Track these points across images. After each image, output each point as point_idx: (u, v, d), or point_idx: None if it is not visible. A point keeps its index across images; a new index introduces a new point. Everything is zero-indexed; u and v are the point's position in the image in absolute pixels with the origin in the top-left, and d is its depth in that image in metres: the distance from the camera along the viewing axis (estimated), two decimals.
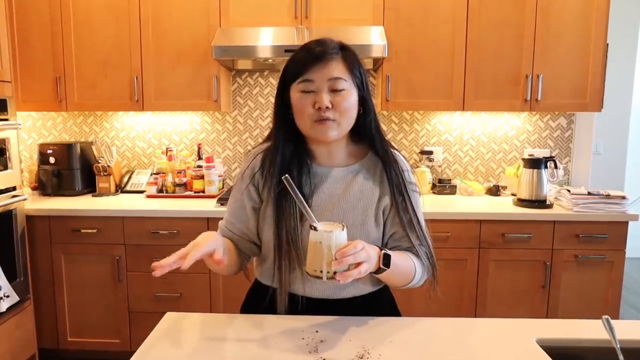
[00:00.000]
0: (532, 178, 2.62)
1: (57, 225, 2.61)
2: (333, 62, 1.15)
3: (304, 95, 1.16)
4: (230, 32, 2.72)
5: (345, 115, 1.17)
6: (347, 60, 1.18)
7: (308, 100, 1.16)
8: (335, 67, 1.15)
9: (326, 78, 1.15)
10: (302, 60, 1.17)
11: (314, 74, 1.15)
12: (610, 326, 1.02)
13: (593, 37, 2.70)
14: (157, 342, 1.10)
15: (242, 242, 1.29)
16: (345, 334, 1.13)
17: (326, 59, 1.15)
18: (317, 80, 1.15)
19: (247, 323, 1.20)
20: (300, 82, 1.16)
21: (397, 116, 3.17)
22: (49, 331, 2.69)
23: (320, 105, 1.14)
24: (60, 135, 3.29)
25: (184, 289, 2.61)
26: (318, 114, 1.15)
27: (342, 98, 1.16)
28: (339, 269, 1.01)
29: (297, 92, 1.17)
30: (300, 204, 1.08)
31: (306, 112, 1.16)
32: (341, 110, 1.16)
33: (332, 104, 1.15)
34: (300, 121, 1.19)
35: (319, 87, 1.15)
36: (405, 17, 2.73)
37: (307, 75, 1.15)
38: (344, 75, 1.16)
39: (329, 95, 1.15)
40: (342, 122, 1.18)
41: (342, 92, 1.16)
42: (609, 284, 2.54)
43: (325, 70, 1.15)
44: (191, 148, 3.22)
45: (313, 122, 1.17)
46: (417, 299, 2.47)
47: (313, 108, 1.15)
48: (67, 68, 2.84)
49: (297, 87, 1.17)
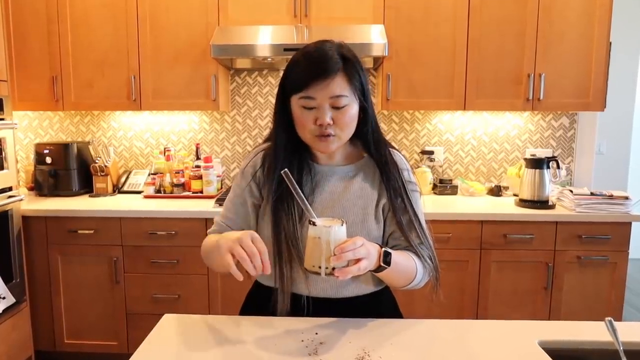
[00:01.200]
0: (534, 178, 2.62)
1: (54, 226, 2.61)
2: (335, 80, 1.15)
3: (305, 111, 1.17)
4: (228, 30, 2.72)
5: (346, 129, 1.19)
6: (349, 72, 1.17)
7: (309, 117, 1.17)
8: (337, 85, 1.15)
9: (328, 96, 1.15)
10: (303, 74, 1.16)
11: (316, 92, 1.14)
12: (613, 328, 1.02)
13: (596, 36, 2.70)
14: (155, 344, 1.11)
15: None
16: (345, 335, 1.13)
17: (329, 77, 1.14)
18: (319, 98, 1.15)
19: (246, 324, 1.20)
20: (302, 98, 1.16)
21: (398, 116, 3.17)
22: (46, 333, 2.69)
23: (321, 123, 1.15)
24: (56, 135, 3.29)
25: (182, 290, 2.61)
26: (319, 130, 1.17)
27: (343, 114, 1.17)
28: (338, 265, 1.01)
29: (298, 107, 1.18)
30: (299, 198, 1.09)
31: (307, 127, 1.18)
32: (342, 125, 1.18)
33: (334, 120, 1.16)
34: (301, 133, 1.21)
35: (320, 104, 1.15)
36: (406, 15, 2.73)
37: (308, 92, 1.15)
38: (345, 91, 1.16)
39: (331, 112, 1.16)
40: (342, 136, 1.20)
41: (344, 108, 1.16)
42: (611, 286, 2.54)
43: (328, 88, 1.14)
44: (189, 148, 3.22)
45: (314, 136, 1.19)
46: (418, 300, 2.48)
47: (314, 124, 1.17)
48: (63, 67, 2.83)
49: (298, 102, 1.17)
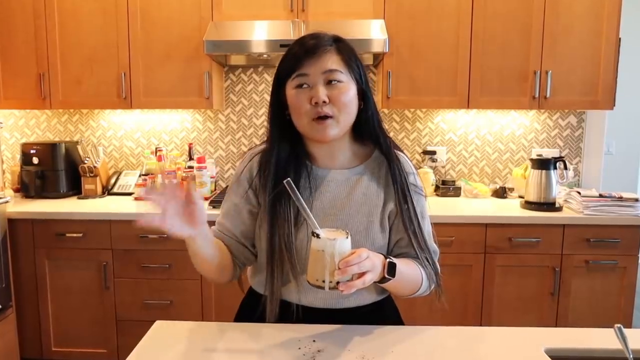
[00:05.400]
0: (541, 179, 2.62)
1: (41, 229, 2.60)
2: (327, 54, 1.16)
3: (300, 91, 1.16)
4: (222, 25, 2.72)
5: (344, 109, 1.16)
6: (343, 52, 1.18)
7: (304, 96, 1.15)
8: (329, 59, 1.16)
9: (321, 71, 1.15)
10: (295, 54, 1.17)
11: (309, 68, 1.15)
12: (623, 335, 1.02)
13: (605, 31, 2.70)
14: (145, 352, 1.10)
15: (236, 246, 1.29)
16: (344, 343, 1.13)
17: (320, 51, 1.15)
18: (312, 74, 1.15)
19: (241, 332, 1.20)
20: (295, 78, 1.16)
21: (399, 114, 3.18)
22: (32, 340, 2.68)
23: (316, 100, 1.14)
24: (44, 135, 3.28)
25: (175, 296, 2.61)
26: (315, 110, 1.15)
27: (340, 91, 1.15)
28: (342, 279, 1.01)
29: (293, 89, 1.17)
30: (302, 209, 1.07)
31: (303, 108, 1.16)
32: (339, 104, 1.15)
33: (330, 98, 1.15)
34: (297, 119, 1.19)
35: (314, 80, 1.15)
36: (407, 9, 2.73)
37: (301, 70, 1.15)
38: (339, 67, 1.16)
39: (326, 89, 1.15)
40: (341, 118, 1.17)
41: (339, 84, 1.16)
42: (621, 291, 2.54)
43: (320, 62, 1.15)
44: (182, 148, 3.22)
45: (311, 120, 1.16)
46: (420, 307, 2.48)
47: (310, 104, 1.15)
48: (51, 64, 2.83)
49: (292, 83, 1.17)
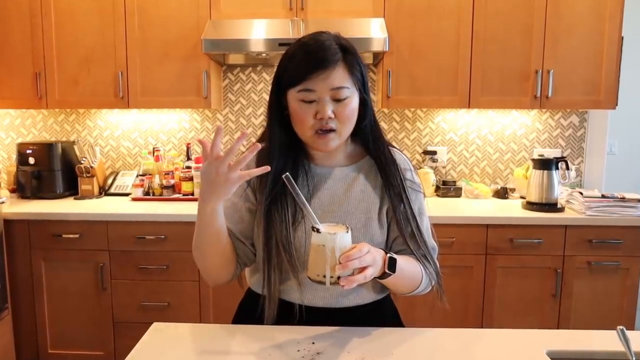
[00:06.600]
0: (542, 180, 2.62)
1: (37, 230, 2.60)
2: (336, 70, 1.15)
3: (305, 105, 1.16)
4: (221, 24, 2.72)
5: (347, 123, 1.19)
6: (349, 63, 1.17)
7: (309, 111, 1.16)
8: (337, 76, 1.15)
9: (328, 87, 1.14)
10: (301, 66, 1.15)
11: (316, 84, 1.14)
12: (625, 337, 1.02)
13: (607, 30, 2.70)
14: (143, 355, 1.10)
15: (237, 245, 1.28)
16: (344, 345, 1.13)
17: (329, 67, 1.14)
18: (319, 91, 1.14)
19: (239, 334, 1.20)
20: (300, 91, 1.15)
21: (399, 114, 3.17)
22: (29, 342, 2.68)
23: (322, 117, 1.15)
24: (40, 134, 3.28)
25: (172, 297, 2.60)
26: (320, 124, 1.16)
27: (345, 107, 1.16)
28: (344, 273, 1.01)
29: (297, 101, 1.17)
30: (301, 204, 1.08)
31: (307, 122, 1.17)
32: (343, 119, 1.17)
33: (335, 113, 1.16)
34: (299, 130, 1.20)
35: (320, 97, 1.15)
36: (407, 8, 2.73)
37: (307, 85, 1.14)
38: (346, 82, 1.16)
39: (332, 105, 1.15)
40: (343, 131, 1.19)
41: (345, 100, 1.16)
42: (624, 292, 2.54)
43: (328, 80, 1.14)
44: (179, 148, 3.22)
45: (314, 133, 1.17)
46: (420, 307, 2.48)
47: (314, 118, 1.16)
48: (47, 63, 2.83)
49: (297, 96, 1.16)
